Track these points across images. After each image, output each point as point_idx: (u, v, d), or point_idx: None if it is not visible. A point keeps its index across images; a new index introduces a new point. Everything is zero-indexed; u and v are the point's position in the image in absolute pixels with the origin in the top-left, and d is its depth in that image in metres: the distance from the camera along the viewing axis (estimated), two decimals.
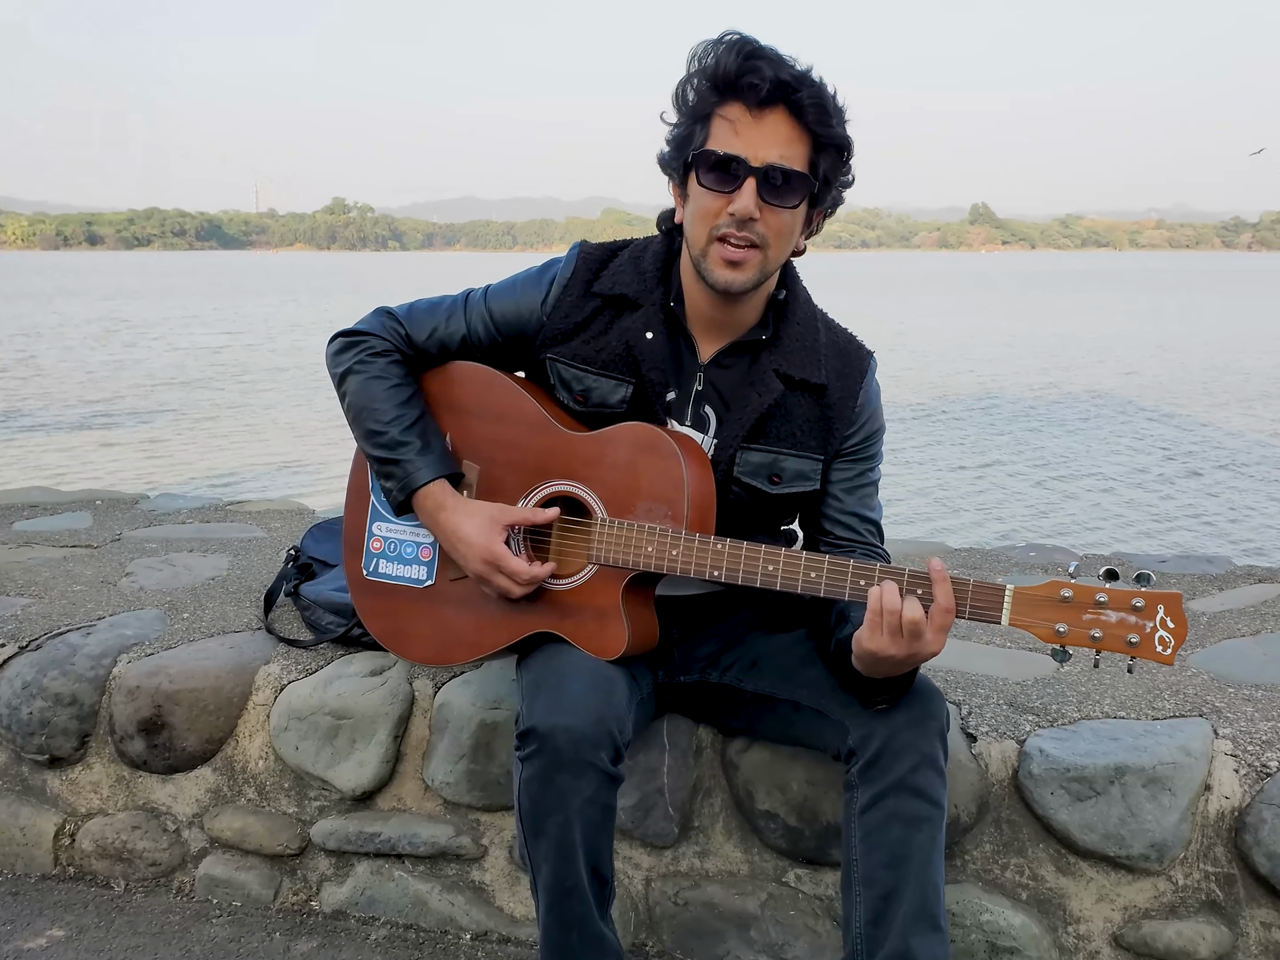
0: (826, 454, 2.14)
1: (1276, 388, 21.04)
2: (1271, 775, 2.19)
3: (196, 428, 16.05)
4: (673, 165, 2.04)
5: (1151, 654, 1.78)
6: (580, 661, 1.98)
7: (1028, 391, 20.10)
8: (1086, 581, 1.82)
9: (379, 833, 2.50)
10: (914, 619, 1.78)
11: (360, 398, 2.15)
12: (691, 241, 2.02)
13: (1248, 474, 13.15)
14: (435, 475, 2.09)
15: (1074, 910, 2.26)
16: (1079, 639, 1.80)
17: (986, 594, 1.83)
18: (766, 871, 2.39)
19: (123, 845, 2.66)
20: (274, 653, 2.70)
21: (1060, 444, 15.07)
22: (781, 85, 1.89)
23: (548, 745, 1.85)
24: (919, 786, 1.93)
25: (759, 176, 1.92)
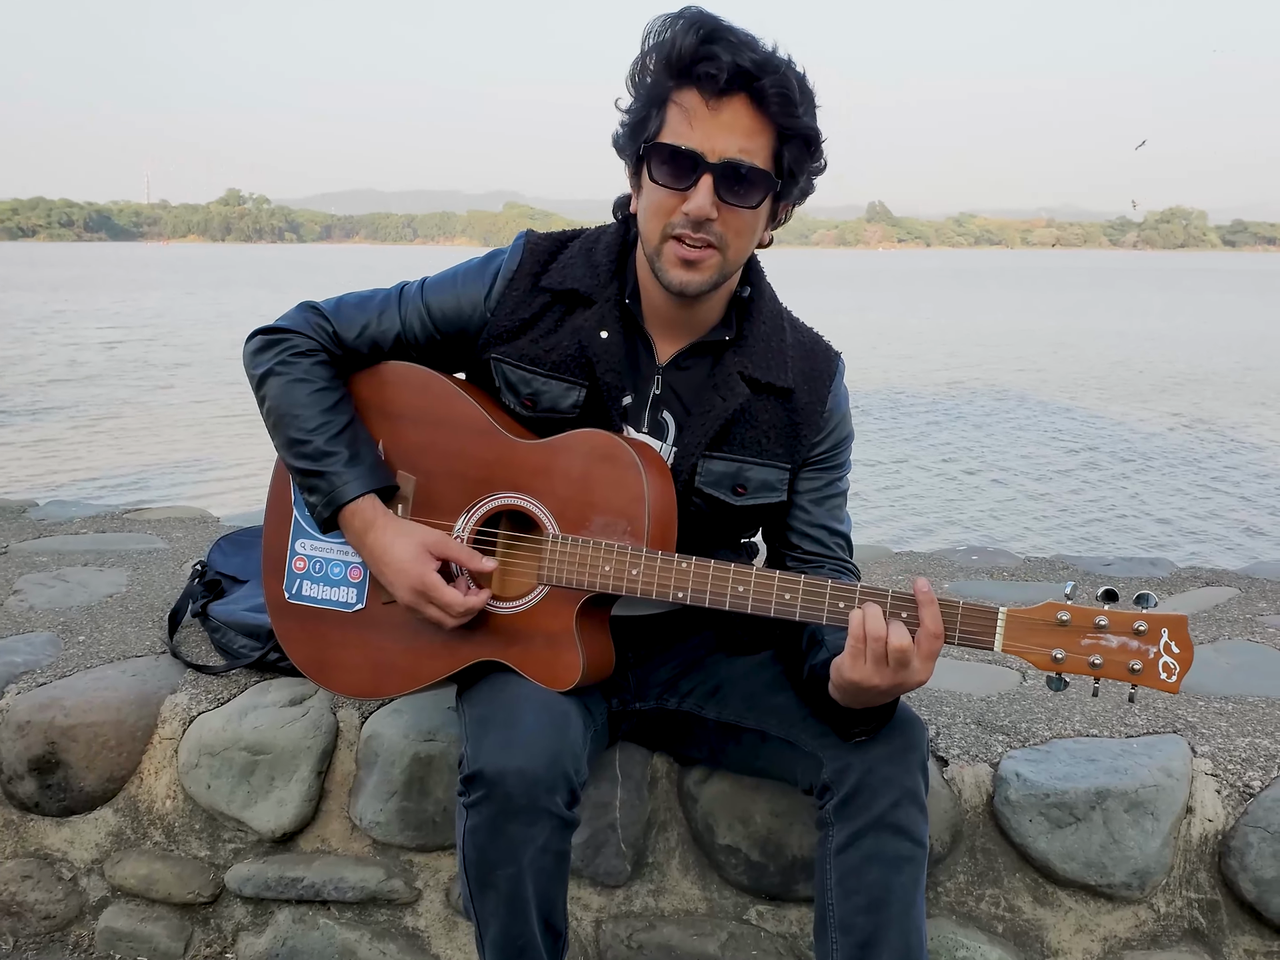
0: (794, 462, 1.97)
1: (1170, 383, 21.47)
2: (1255, 796, 2.09)
3: (93, 426, 15.45)
4: (626, 151, 1.84)
5: (1155, 682, 1.65)
6: (531, 694, 1.79)
7: (933, 387, 20.24)
8: (1084, 603, 1.67)
9: (301, 877, 2.29)
10: (901, 646, 1.62)
11: (281, 402, 1.93)
12: (645, 238, 1.83)
13: (1151, 467, 13.36)
14: (365, 490, 1.88)
15: (1052, 942, 2.14)
16: (1077, 666, 1.66)
17: (978, 618, 1.68)
18: (726, 909, 2.22)
19: (11, 897, 2.41)
20: (181, 680, 2.47)
21: (967, 438, 15.16)
22: (741, 73, 1.70)
23: (498, 790, 1.66)
24: (900, 824, 1.77)
25: (716, 173, 1.73)
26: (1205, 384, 21.26)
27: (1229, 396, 19.55)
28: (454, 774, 2.15)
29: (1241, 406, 18.39)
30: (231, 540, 3.00)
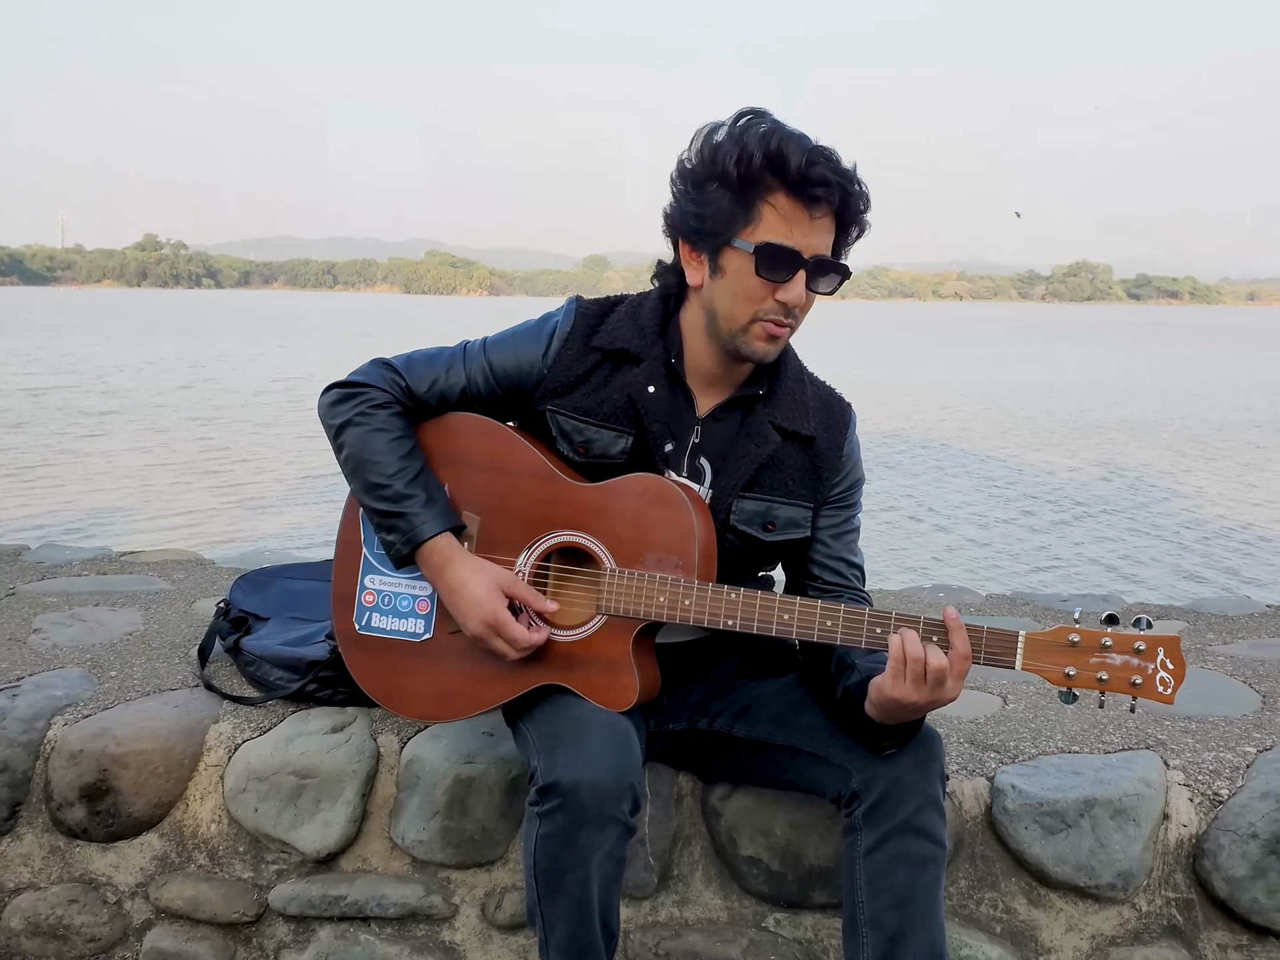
0: (815, 502, 2.18)
1: (1093, 430, 22.22)
2: (1224, 803, 2.31)
3: (23, 475, 15.31)
4: (703, 238, 2.02)
5: (1153, 694, 1.86)
6: (595, 714, 1.97)
7: (867, 438, 20.69)
8: (1091, 626, 1.89)
9: (345, 895, 2.43)
10: (939, 666, 1.83)
11: (360, 450, 2.10)
12: (727, 317, 2.03)
13: (1088, 514, 13.85)
14: (441, 529, 2.05)
15: (1045, 941, 2.34)
16: (1086, 681, 1.87)
17: (1000, 640, 1.89)
18: (746, 918, 2.40)
19: (58, 921, 2.51)
20: (221, 711, 2.60)
21: (904, 486, 15.56)
22: (842, 190, 1.94)
23: (572, 800, 1.83)
24: (924, 827, 1.97)
25: (810, 269, 1.97)
26: (1123, 432, 22.03)
27: (1149, 444, 20.28)
28: (492, 794, 2.35)
29: (1162, 453, 19.11)
30: (249, 580, 3.14)
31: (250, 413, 22.94)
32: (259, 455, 17.37)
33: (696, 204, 2.01)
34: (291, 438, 19.47)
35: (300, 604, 3.03)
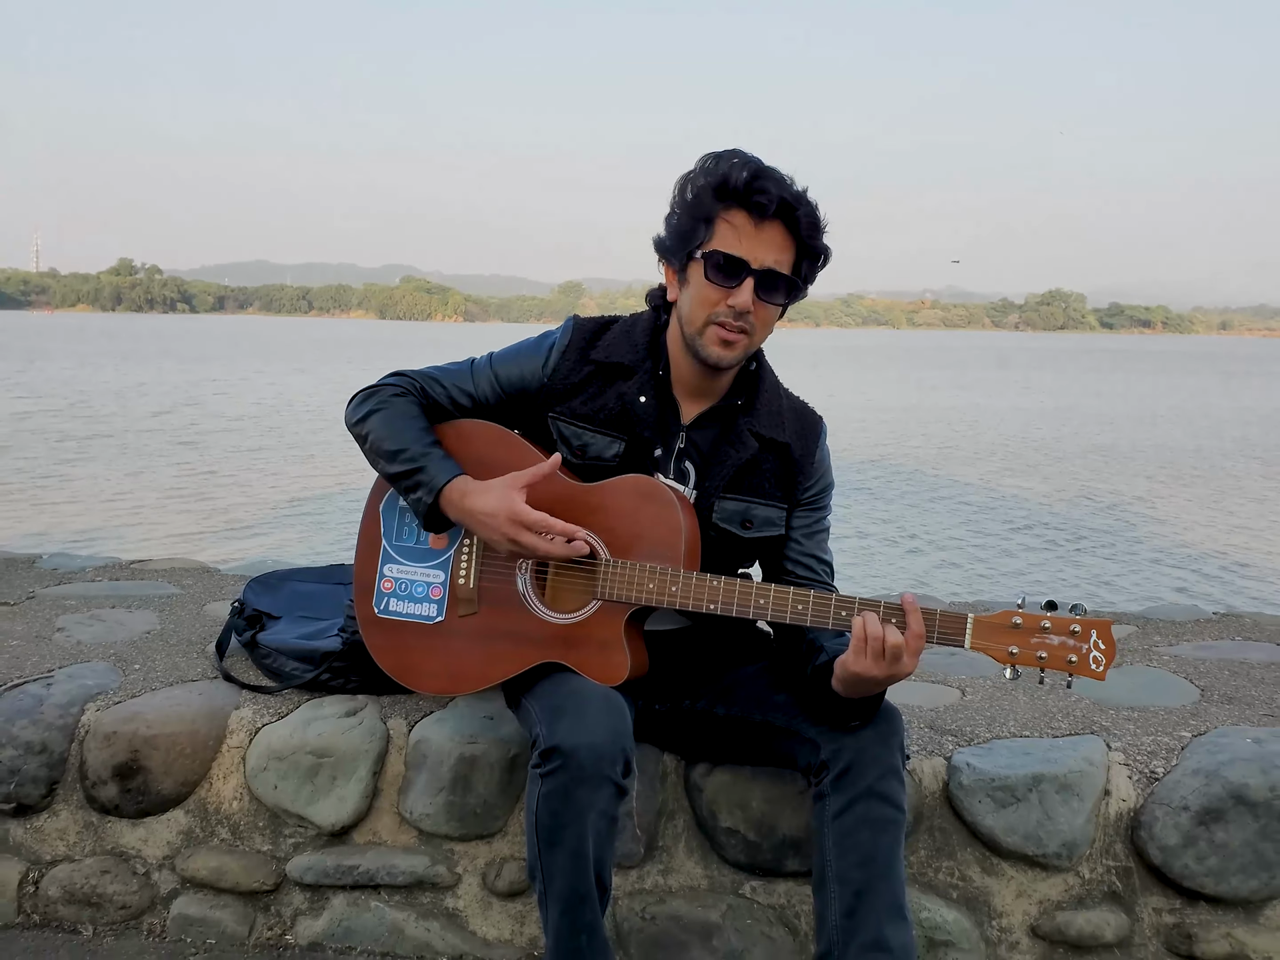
0: (789, 503, 2.43)
1: (1069, 456, 22.67)
2: (1159, 779, 2.55)
3: (15, 494, 15.48)
4: (674, 252, 2.31)
5: (1087, 671, 2.11)
6: (592, 688, 2.20)
7: (845, 462, 21.09)
8: (1032, 611, 2.13)
9: (357, 865, 2.64)
10: (896, 644, 2.07)
11: (382, 426, 2.36)
12: (688, 320, 2.29)
13: (1068, 539, 14.22)
14: (456, 473, 2.30)
15: (997, 906, 2.57)
16: (1028, 659, 2.11)
17: (951, 622, 2.13)
18: (725, 885, 2.62)
19: (91, 890, 2.72)
20: (241, 699, 2.82)
21: (889, 511, 15.90)
22: (784, 205, 2.20)
23: (571, 761, 2.06)
24: (885, 793, 2.20)
25: (757, 277, 2.22)
26: (1098, 458, 22.46)
27: (1124, 471, 20.72)
28: (493, 771, 2.57)
29: (1139, 480, 19.54)
30: (260, 582, 3.36)
31: (234, 438, 23.14)
32: (244, 480, 17.57)
33: (670, 227, 2.30)
34: (279, 462, 19.70)
35: (308, 604, 3.25)
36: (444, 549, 2.40)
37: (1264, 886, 2.47)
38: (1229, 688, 3.08)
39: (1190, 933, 2.50)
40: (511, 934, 2.65)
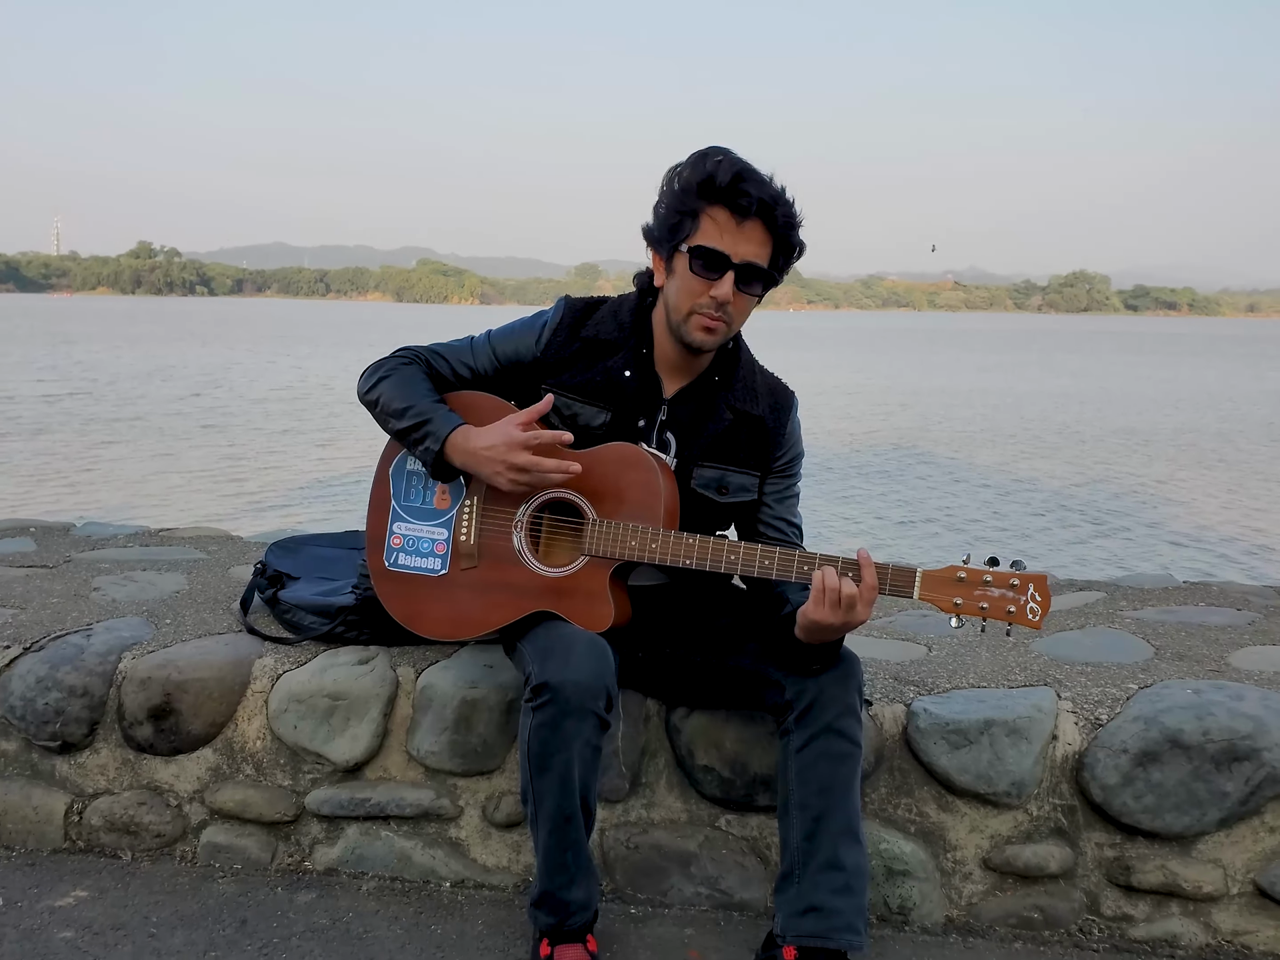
0: (762, 471, 2.67)
1: (1092, 439, 22.86)
2: (1103, 725, 2.77)
3: (53, 478, 15.89)
4: (661, 242, 2.53)
5: (1024, 620, 2.34)
6: (579, 633, 2.45)
7: (868, 443, 21.34)
8: (976, 566, 2.37)
9: (369, 798, 2.91)
10: (850, 594, 2.30)
11: (391, 388, 2.61)
12: (673, 308, 2.52)
13: (1069, 516, 14.44)
14: (459, 423, 2.55)
15: (952, 839, 2.81)
16: (971, 609, 2.35)
17: (901, 575, 2.36)
18: (702, 818, 2.87)
19: (129, 820, 2.99)
20: (263, 649, 3.08)
21: (917, 494, 16.15)
22: (764, 204, 2.42)
23: (559, 695, 2.31)
24: (842, 730, 2.44)
25: (738, 271, 2.45)
26: (1121, 441, 22.65)
27: (1152, 454, 20.92)
28: (492, 714, 2.83)
29: (1160, 465, 19.74)
30: (280, 546, 3.62)
31: (260, 420, 23.52)
32: (268, 463, 17.92)
33: (658, 218, 2.53)
34: (303, 445, 20.06)
35: (325, 566, 3.51)
36: (447, 509, 2.66)
37: (1195, 823, 2.70)
38: (1182, 647, 3.29)
39: (1128, 865, 2.74)
40: (508, 861, 2.91)
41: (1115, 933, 2.76)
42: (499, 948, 2.64)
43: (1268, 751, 2.65)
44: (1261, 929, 2.71)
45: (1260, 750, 2.65)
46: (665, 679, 2.80)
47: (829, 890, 2.38)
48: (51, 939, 2.62)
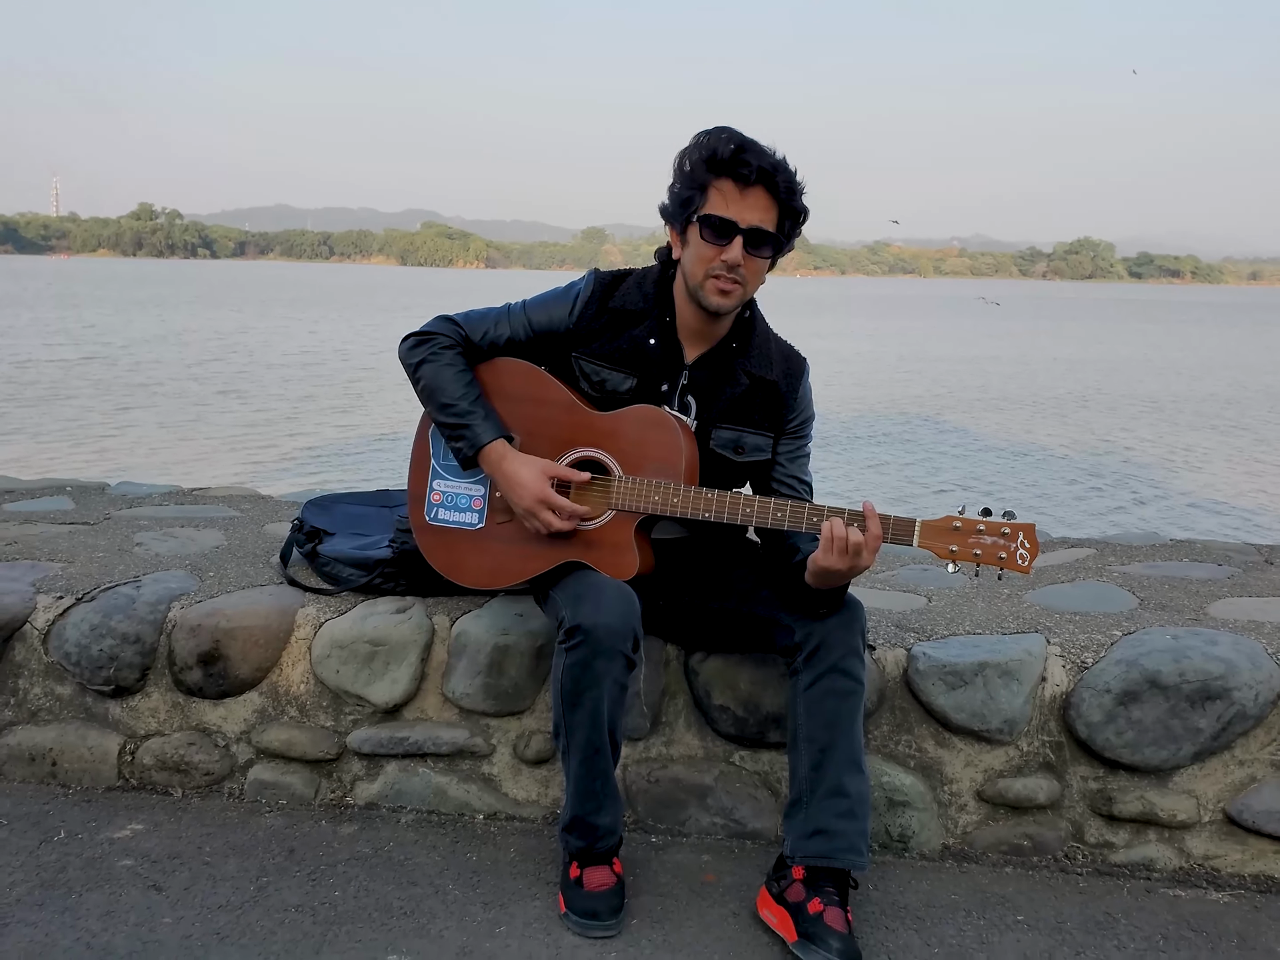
0: (776, 433, 2.87)
1: (1122, 404, 23.14)
2: (1089, 668, 2.98)
3: (82, 442, 16.11)
4: (675, 217, 2.74)
5: (1014, 566, 2.55)
6: (607, 581, 2.66)
7: (888, 411, 21.53)
8: (970, 516, 2.57)
9: (407, 737, 3.13)
10: (856, 542, 2.51)
11: (434, 380, 2.80)
12: (690, 275, 2.72)
13: (1087, 478, 14.69)
14: (497, 435, 2.76)
15: (948, 773, 3.03)
16: (965, 556, 2.56)
17: (902, 525, 2.57)
18: (718, 754, 3.10)
19: (180, 759, 3.21)
20: (305, 599, 3.29)
21: (910, 454, 16.39)
22: (764, 172, 2.62)
23: (591, 637, 2.52)
24: (847, 669, 2.65)
25: (745, 236, 2.64)
26: (1141, 407, 22.98)
27: (1179, 421, 21.23)
28: (523, 658, 3.04)
29: (1186, 432, 20.05)
30: (315, 504, 3.83)
31: (282, 386, 23.73)
32: (292, 429, 18.17)
33: (671, 195, 2.73)
34: (327, 411, 20.31)
35: (359, 523, 3.72)
36: None
37: (1172, 757, 2.92)
38: (1164, 598, 3.50)
39: (1110, 796, 2.96)
40: (537, 795, 3.14)
41: (1097, 858, 2.99)
42: (530, 872, 2.86)
43: (1238, 691, 2.86)
44: (1229, 853, 2.94)
45: (1231, 690, 2.86)
46: (684, 625, 3.01)
47: (834, 815, 2.59)
48: (113, 866, 2.84)
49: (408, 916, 2.65)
